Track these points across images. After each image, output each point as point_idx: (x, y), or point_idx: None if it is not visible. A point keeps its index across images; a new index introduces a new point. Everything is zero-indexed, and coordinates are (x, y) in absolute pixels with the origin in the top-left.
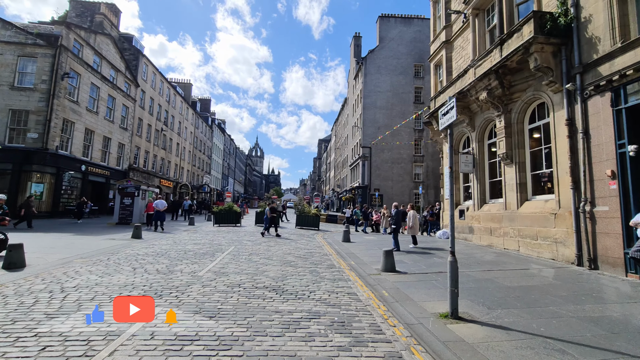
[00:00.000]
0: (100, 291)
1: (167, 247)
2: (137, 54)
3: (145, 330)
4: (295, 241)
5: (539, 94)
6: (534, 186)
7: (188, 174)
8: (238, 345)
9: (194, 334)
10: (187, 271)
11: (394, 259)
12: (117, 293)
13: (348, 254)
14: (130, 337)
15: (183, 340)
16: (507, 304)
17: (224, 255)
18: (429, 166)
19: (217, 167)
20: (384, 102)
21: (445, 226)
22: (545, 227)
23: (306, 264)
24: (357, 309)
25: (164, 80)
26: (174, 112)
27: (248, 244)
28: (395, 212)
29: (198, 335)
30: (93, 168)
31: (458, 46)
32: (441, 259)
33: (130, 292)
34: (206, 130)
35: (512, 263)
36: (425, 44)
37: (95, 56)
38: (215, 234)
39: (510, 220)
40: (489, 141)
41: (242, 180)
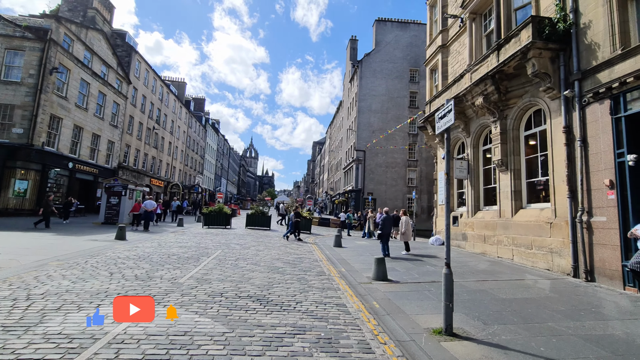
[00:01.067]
0: (69, 299)
1: (151, 250)
2: (130, 51)
3: (111, 348)
4: (285, 245)
5: (535, 101)
6: (529, 194)
7: (180, 173)
8: None
9: (164, 353)
10: (167, 277)
11: (385, 267)
12: (87, 302)
13: (339, 260)
14: (92, 356)
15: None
16: (504, 318)
17: (209, 259)
18: (422, 171)
19: (210, 167)
20: (379, 105)
21: (438, 232)
22: (540, 236)
23: (295, 271)
24: (346, 323)
25: (157, 78)
26: (166, 111)
27: (236, 248)
28: (383, 218)
29: (169, 354)
30: (81, 165)
31: (454, 51)
32: (434, 267)
33: (102, 301)
34: (200, 129)
35: (507, 273)
36: (421, 48)
37: (86, 51)
38: (203, 236)
39: (504, 228)
40: (484, 147)
41: (236, 181)
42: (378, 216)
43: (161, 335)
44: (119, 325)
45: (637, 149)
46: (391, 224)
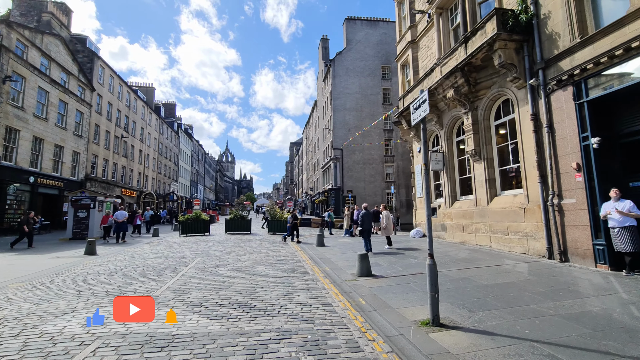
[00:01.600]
0: (30, 323)
1: (124, 263)
2: (91, 56)
3: None
4: (267, 248)
5: (503, 91)
6: (503, 181)
7: (153, 182)
8: None
9: None
10: (141, 291)
11: (369, 263)
12: (52, 324)
13: (322, 259)
14: None
15: None
16: (488, 304)
17: (187, 269)
18: (399, 166)
19: (185, 174)
20: (353, 103)
21: (418, 225)
22: (515, 221)
23: (277, 274)
24: (333, 323)
25: (123, 84)
26: (135, 118)
27: (216, 255)
28: (363, 214)
29: None
30: (43, 179)
31: (424, 46)
32: (417, 260)
33: (68, 323)
34: (172, 136)
35: (486, 259)
36: (392, 46)
37: (43, 58)
38: (180, 245)
39: (481, 216)
40: (457, 139)
41: (213, 187)
42: (355, 213)
43: (135, 354)
44: (87, 346)
45: (600, 132)
46: (371, 220)
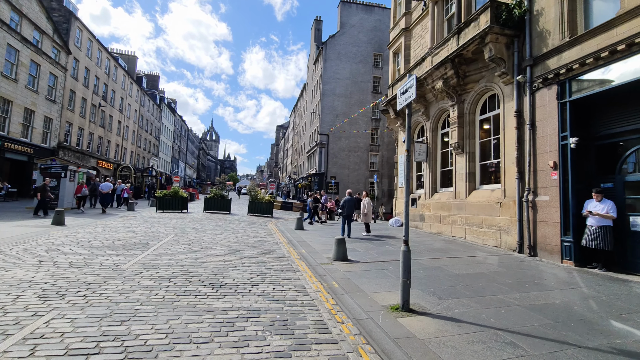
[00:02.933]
0: None
1: (93, 235)
2: (68, 16)
3: (26, 344)
4: (245, 229)
5: (491, 86)
6: (482, 176)
7: (132, 155)
8: (149, 358)
9: (93, 346)
10: (108, 264)
11: (345, 247)
12: (4, 294)
13: (300, 242)
14: (2, 354)
15: (76, 355)
16: (457, 293)
17: (159, 244)
18: (384, 156)
19: (167, 149)
20: (343, 89)
21: (397, 214)
22: (490, 215)
23: (253, 254)
24: (303, 304)
25: (103, 50)
26: (114, 87)
27: (191, 232)
28: (346, 199)
29: (98, 347)
30: (10, 144)
31: (417, 34)
32: (393, 247)
33: (23, 292)
34: (154, 109)
35: (460, 250)
36: (385, 33)
37: (13, 13)
38: (155, 220)
39: (458, 208)
40: (442, 131)
41: (195, 164)
42: (323, 198)
43: (92, 327)
44: (41, 317)
45: (579, 132)
46: (353, 206)
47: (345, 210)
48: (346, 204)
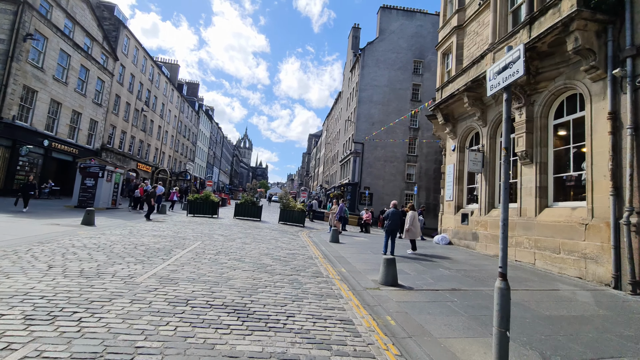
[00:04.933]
0: None
1: (118, 238)
2: (118, 25)
3: None
4: (276, 239)
5: (572, 84)
6: (557, 191)
7: (170, 159)
8: None
9: None
10: (122, 275)
11: (396, 270)
12: None
13: (337, 258)
14: None
15: None
16: (564, 347)
17: (184, 252)
18: (422, 167)
19: (202, 155)
20: (381, 97)
21: (444, 230)
22: (571, 239)
23: (285, 270)
24: (357, 352)
25: (148, 57)
26: (157, 93)
27: (219, 240)
28: (391, 212)
29: None
30: (58, 144)
31: (471, 32)
32: (449, 271)
33: (9, 310)
34: (192, 115)
35: (535, 280)
36: (427, 39)
37: (67, 20)
38: (184, 225)
39: (525, 228)
40: (501, 138)
41: (228, 170)
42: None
43: None
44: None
45: None
46: (399, 219)
47: (390, 224)
48: (391, 216)
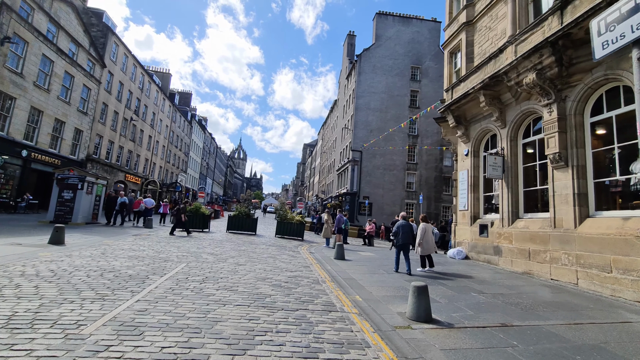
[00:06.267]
0: None
1: (84, 262)
2: (106, 32)
3: None
4: (274, 257)
5: (614, 74)
6: (599, 198)
7: (161, 170)
8: None
9: None
10: (67, 321)
11: (429, 300)
12: None
13: (347, 281)
14: None
15: None
16: None
17: (161, 281)
18: (422, 175)
19: (195, 166)
20: (378, 103)
21: (458, 243)
22: (627, 255)
23: (289, 303)
24: None
25: (138, 65)
26: (147, 102)
27: (208, 260)
28: (401, 224)
29: None
30: (38, 155)
31: (483, 27)
32: (483, 296)
33: None
34: (184, 125)
35: (591, 308)
36: (424, 45)
37: (51, 24)
38: (170, 241)
39: (562, 242)
40: (524, 140)
41: (222, 182)
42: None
43: None
44: None
45: None
46: (410, 232)
47: (400, 238)
48: (400, 230)
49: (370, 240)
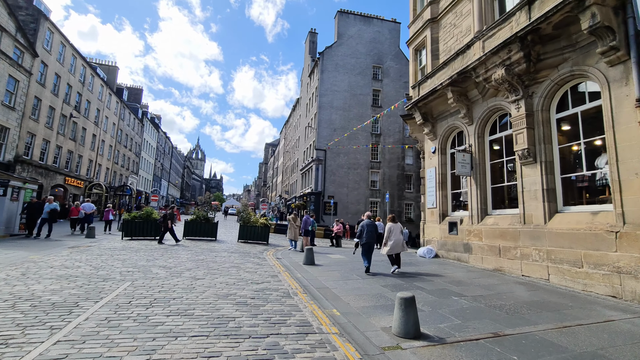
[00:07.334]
0: None
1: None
2: (37, 16)
3: None
4: (237, 266)
5: (580, 70)
6: (566, 193)
7: (108, 172)
8: None
9: None
10: None
11: (417, 313)
12: None
13: (321, 290)
14: None
15: None
16: None
17: (96, 308)
18: (385, 173)
19: (148, 167)
20: (341, 102)
21: (428, 242)
22: (597, 249)
23: (257, 327)
24: None
25: (78, 56)
26: (90, 97)
27: (159, 276)
28: (366, 224)
29: None
30: None
31: (448, 24)
32: (465, 299)
33: None
34: (135, 124)
35: (571, 306)
36: (385, 45)
37: None
38: (113, 254)
39: (533, 238)
40: (491, 137)
41: (179, 183)
42: (304, 219)
43: None
44: None
45: None
46: (375, 232)
47: (365, 237)
48: (365, 229)
49: (338, 240)
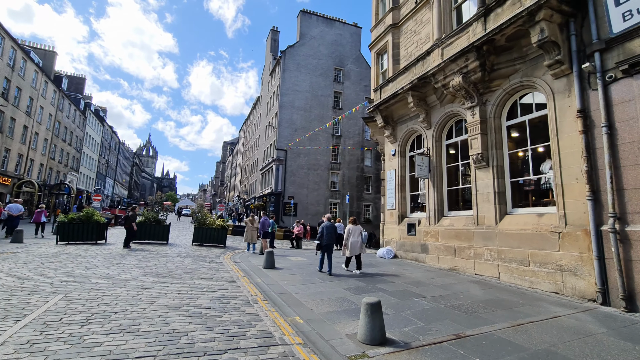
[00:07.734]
0: None
1: None
2: None
3: None
4: (191, 272)
5: (529, 81)
6: (515, 196)
7: (42, 169)
8: None
9: None
10: None
11: (383, 319)
12: None
13: (282, 296)
14: None
15: None
16: None
17: (16, 329)
18: (345, 175)
19: (91, 163)
20: (302, 102)
21: (387, 243)
22: (542, 249)
23: (214, 342)
24: None
25: (7, 36)
26: (21, 84)
27: (99, 286)
28: (325, 226)
29: None
30: None
31: (408, 30)
32: (425, 300)
33: None
34: (76, 116)
35: (522, 304)
36: (346, 48)
37: None
38: (45, 261)
39: (485, 238)
40: (447, 141)
41: (127, 182)
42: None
43: None
44: None
45: None
46: (334, 233)
47: (325, 238)
48: (325, 231)
49: (299, 242)
